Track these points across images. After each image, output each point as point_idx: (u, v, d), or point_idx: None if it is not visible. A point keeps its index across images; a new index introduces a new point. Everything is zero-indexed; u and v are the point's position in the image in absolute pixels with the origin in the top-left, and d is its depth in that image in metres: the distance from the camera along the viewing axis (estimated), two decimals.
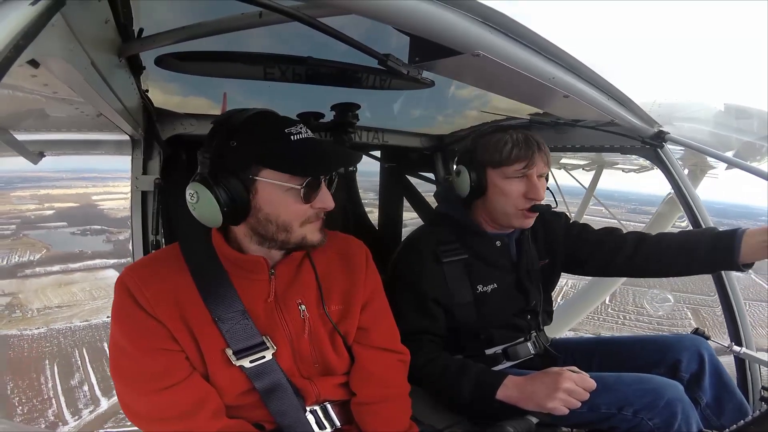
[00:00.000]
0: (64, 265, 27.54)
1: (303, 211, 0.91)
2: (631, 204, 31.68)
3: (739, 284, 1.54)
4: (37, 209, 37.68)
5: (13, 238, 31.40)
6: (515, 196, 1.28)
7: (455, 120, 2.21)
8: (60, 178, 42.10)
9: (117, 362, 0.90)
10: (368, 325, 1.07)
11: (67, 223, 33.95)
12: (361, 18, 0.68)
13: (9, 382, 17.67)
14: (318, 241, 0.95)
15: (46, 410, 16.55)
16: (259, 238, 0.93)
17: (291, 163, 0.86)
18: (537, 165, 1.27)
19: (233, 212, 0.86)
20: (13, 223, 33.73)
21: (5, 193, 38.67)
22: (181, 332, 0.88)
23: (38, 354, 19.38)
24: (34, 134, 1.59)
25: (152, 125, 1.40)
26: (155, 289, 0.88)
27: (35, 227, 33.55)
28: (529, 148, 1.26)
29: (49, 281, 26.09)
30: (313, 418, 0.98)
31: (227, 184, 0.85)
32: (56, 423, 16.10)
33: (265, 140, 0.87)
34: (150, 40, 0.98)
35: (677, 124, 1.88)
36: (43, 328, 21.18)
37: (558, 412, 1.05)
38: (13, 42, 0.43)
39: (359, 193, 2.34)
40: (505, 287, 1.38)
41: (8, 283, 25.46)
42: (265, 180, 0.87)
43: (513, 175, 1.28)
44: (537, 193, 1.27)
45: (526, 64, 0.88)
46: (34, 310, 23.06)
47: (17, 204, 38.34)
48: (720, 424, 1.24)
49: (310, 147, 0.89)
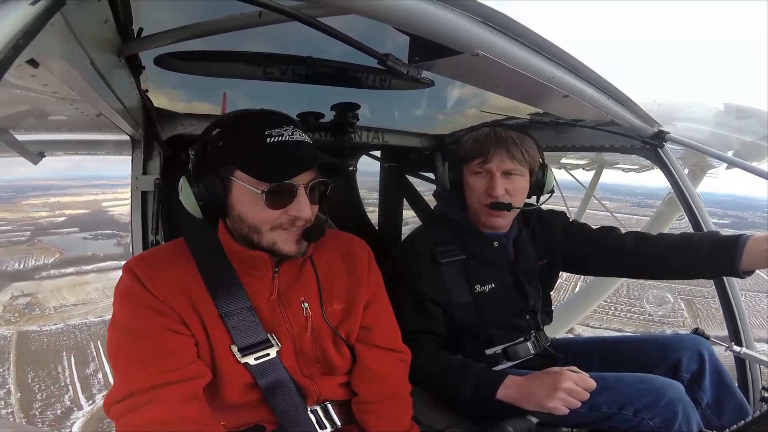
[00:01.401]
0: (78, 267, 29.52)
1: (271, 216, 0.88)
2: (636, 198, 31.68)
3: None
4: (48, 216, 39.60)
5: (28, 243, 33.56)
6: (477, 192, 1.29)
7: (455, 120, 2.21)
8: (70, 186, 44.75)
9: (117, 345, 0.85)
10: (370, 324, 1.07)
11: (79, 228, 35.61)
12: (361, 18, 0.68)
13: (30, 372, 19.17)
14: (290, 251, 0.91)
15: (63, 396, 18.24)
16: (240, 236, 0.93)
17: (255, 167, 0.85)
18: (494, 160, 1.25)
19: (209, 208, 0.89)
20: (27, 229, 35.88)
21: (18, 202, 41.31)
22: (192, 321, 0.87)
23: (56, 347, 21.07)
24: (34, 134, 1.59)
25: (152, 125, 1.40)
26: (164, 279, 0.88)
27: (48, 233, 35.67)
28: (487, 143, 1.26)
29: (65, 282, 27.93)
30: (313, 418, 0.98)
31: (205, 181, 0.88)
32: (72, 408, 17.67)
33: (242, 141, 0.88)
34: (149, 40, 0.97)
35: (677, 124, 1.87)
36: (61, 324, 22.97)
37: (558, 411, 1.05)
38: (12, 41, 0.43)
39: (359, 193, 2.34)
40: (503, 287, 1.38)
41: (27, 284, 27.34)
42: (237, 181, 0.88)
43: (475, 170, 1.29)
44: (493, 190, 1.25)
45: (526, 63, 0.88)
46: (52, 308, 24.92)
47: (30, 212, 40.43)
48: (720, 424, 1.24)
49: (278, 151, 0.86)
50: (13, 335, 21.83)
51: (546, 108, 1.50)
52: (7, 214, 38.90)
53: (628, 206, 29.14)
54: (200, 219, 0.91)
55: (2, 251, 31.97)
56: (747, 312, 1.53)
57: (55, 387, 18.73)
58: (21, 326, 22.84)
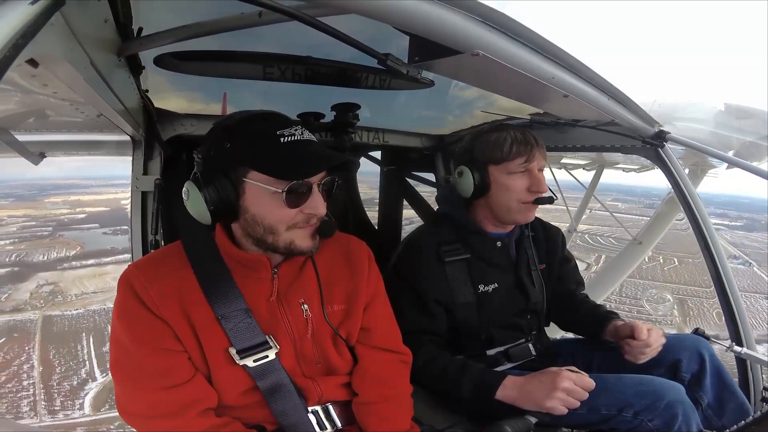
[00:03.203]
0: (97, 260, 31.87)
1: (288, 215, 0.89)
2: (650, 199, 31.83)
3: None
4: (69, 213, 42.50)
5: (51, 238, 36.02)
6: (519, 191, 1.31)
7: (455, 120, 2.21)
8: (90, 185, 47.60)
9: (118, 360, 0.90)
10: (370, 326, 1.07)
11: (99, 224, 37.95)
12: (361, 18, 0.68)
13: (51, 350, 21.47)
14: (308, 248, 0.92)
15: (80, 369, 20.26)
16: (251, 239, 0.93)
17: (274, 166, 0.85)
18: (537, 159, 1.30)
19: (220, 211, 0.87)
20: (49, 225, 38.37)
21: (40, 200, 44.65)
22: (184, 331, 0.88)
23: (77, 329, 23.27)
24: (34, 135, 1.59)
25: (152, 126, 1.40)
26: (159, 288, 0.88)
27: (69, 229, 38.45)
28: (528, 144, 1.29)
29: (85, 272, 30.31)
30: (314, 419, 0.98)
31: (216, 184, 0.86)
32: (87, 380, 19.59)
33: (254, 142, 0.87)
34: (149, 40, 0.97)
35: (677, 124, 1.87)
36: (81, 309, 25.20)
37: (556, 411, 1.05)
38: (12, 41, 0.43)
39: (359, 193, 2.34)
40: (506, 287, 1.38)
41: (50, 274, 29.82)
42: (251, 182, 0.87)
43: (515, 170, 1.30)
44: (540, 186, 1.30)
45: (526, 63, 0.88)
46: (73, 296, 27.25)
47: (51, 209, 43.24)
48: (721, 424, 1.24)
49: (295, 150, 0.87)
50: (38, 319, 23.85)
51: (546, 108, 1.51)
52: (31, 211, 41.08)
53: (640, 207, 29.57)
54: (199, 223, 0.91)
55: (27, 245, 34.22)
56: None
57: (73, 362, 20.75)
58: (45, 311, 24.91)
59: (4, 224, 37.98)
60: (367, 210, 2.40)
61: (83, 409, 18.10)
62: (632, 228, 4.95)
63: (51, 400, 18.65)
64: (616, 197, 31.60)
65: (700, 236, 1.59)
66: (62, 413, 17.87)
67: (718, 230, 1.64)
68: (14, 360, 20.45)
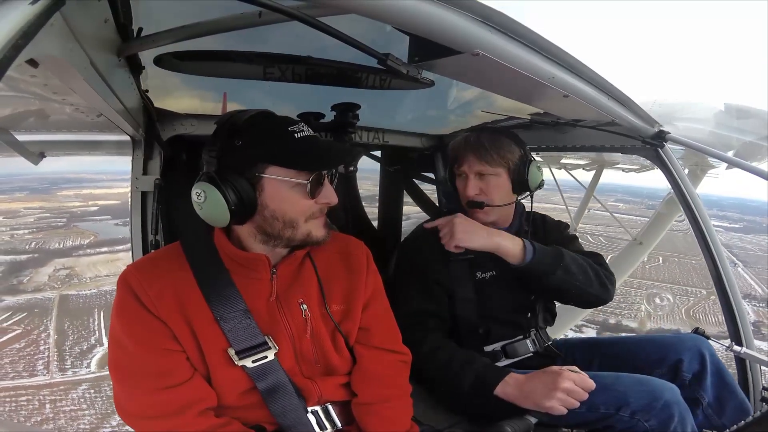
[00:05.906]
0: (110, 248, 34.17)
1: (308, 206, 0.92)
2: (655, 200, 31.95)
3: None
4: (82, 206, 45.05)
5: (65, 228, 38.77)
6: (460, 192, 1.41)
7: (455, 120, 2.21)
8: (101, 179, 49.71)
9: (117, 360, 0.90)
10: (369, 326, 1.07)
11: (111, 216, 39.94)
12: (361, 18, 0.68)
13: (66, 322, 24.25)
14: (323, 236, 0.96)
15: (90, 337, 22.90)
16: (264, 236, 0.93)
17: (297, 159, 0.89)
18: (466, 163, 1.36)
19: (241, 211, 0.87)
20: (63, 217, 41.01)
21: (53, 193, 47.45)
22: (182, 332, 0.88)
23: (90, 306, 25.92)
24: (34, 134, 1.59)
25: (153, 125, 1.39)
26: (158, 288, 0.88)
27: (82, 220, 41.09)
28: (458, 149, 1.38)
29: (99, 259, 32.89)
30: (313, 419, 0.98)
31: (234, 183, 0.86)
32: (95, 345, 22.08)
33: (270, 138, 0.89)
34: (149, 40, 0.97)
35: (677, 124, 1.87)
36: (95, 289, 27.87)
37: (556, 411, 1.05)
38: (11, 41, 0.43)
39: (359, 193, 2.34)
40: (504, 277, 1.39)
41: (66, 260, 32.49)
42: (272, 177, 0.88)
43: (456, 173, 1.41)
44: (465, 190, 1.37)
45: (526, 63, 0.88)
46: (88, 278, 29.90)
47: (64, 201, 45.91)
48: (721, 423, 1.24)
49: (313, 144, 0.93)
50: (56, 298, 26.89)
51: (546, 108, 1.50)
52: (45, 203, 43.46)
53: (642, 208, 29.95)
54: (198, 224, 0.91)
55: (44, 234, 36.88)
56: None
57: (84, 332, 23.43)
58: (62, 291, 27.88)
59: (22, 215, 40.16)
60: (368, 207, 2.40)
61: (90, 368, 20.72)
62: (631, 228, 4.96)
63: (62, 360, 21.21)
64: (620, 198, 31.65)
65: (700, 236, 1.59)
66: (71, 371, 20.63)
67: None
68: (33, 330, 23.24)
